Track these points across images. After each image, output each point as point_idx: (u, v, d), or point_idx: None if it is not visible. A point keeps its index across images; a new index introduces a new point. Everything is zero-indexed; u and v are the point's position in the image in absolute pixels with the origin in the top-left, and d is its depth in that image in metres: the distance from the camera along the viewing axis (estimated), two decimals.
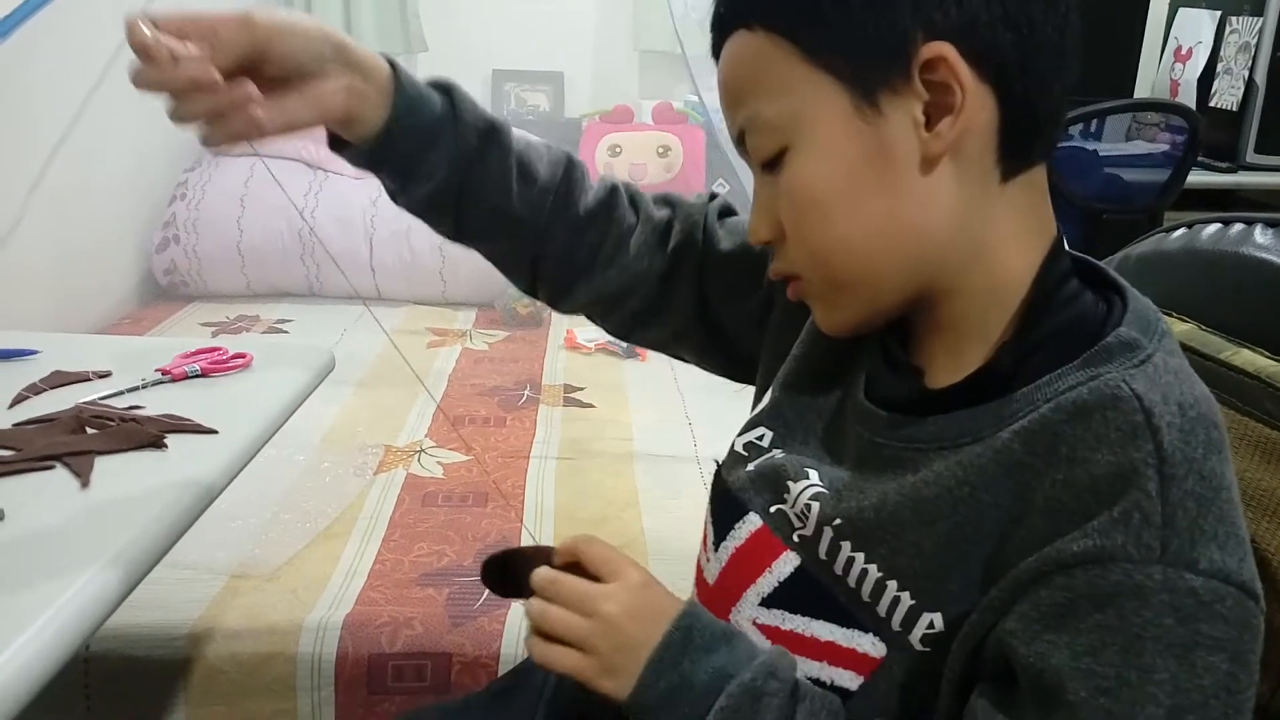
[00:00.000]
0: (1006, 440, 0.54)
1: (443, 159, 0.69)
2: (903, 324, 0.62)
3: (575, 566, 0.62)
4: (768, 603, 0.63)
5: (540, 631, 0.61)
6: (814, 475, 0.63)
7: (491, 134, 0.71)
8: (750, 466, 0.67)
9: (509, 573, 0.65)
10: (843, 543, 0.59)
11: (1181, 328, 0.68)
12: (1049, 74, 0.56)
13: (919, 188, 0.56)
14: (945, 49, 0.53)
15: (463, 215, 0.73)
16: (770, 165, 0.59)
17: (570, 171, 0.75)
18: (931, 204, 0.56)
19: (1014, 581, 0.51)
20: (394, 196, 0.73)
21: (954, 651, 0.54)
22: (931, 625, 0.55)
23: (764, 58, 0.58)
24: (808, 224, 0.59)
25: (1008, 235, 0.58)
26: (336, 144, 0.69)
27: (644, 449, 1.70)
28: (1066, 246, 0.60)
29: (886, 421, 0.60)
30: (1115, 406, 0.51)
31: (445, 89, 0.70)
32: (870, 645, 0.58)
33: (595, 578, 0.61)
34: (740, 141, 0.62)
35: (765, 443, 0.68)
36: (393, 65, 0.68)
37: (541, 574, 0.62)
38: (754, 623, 0.63)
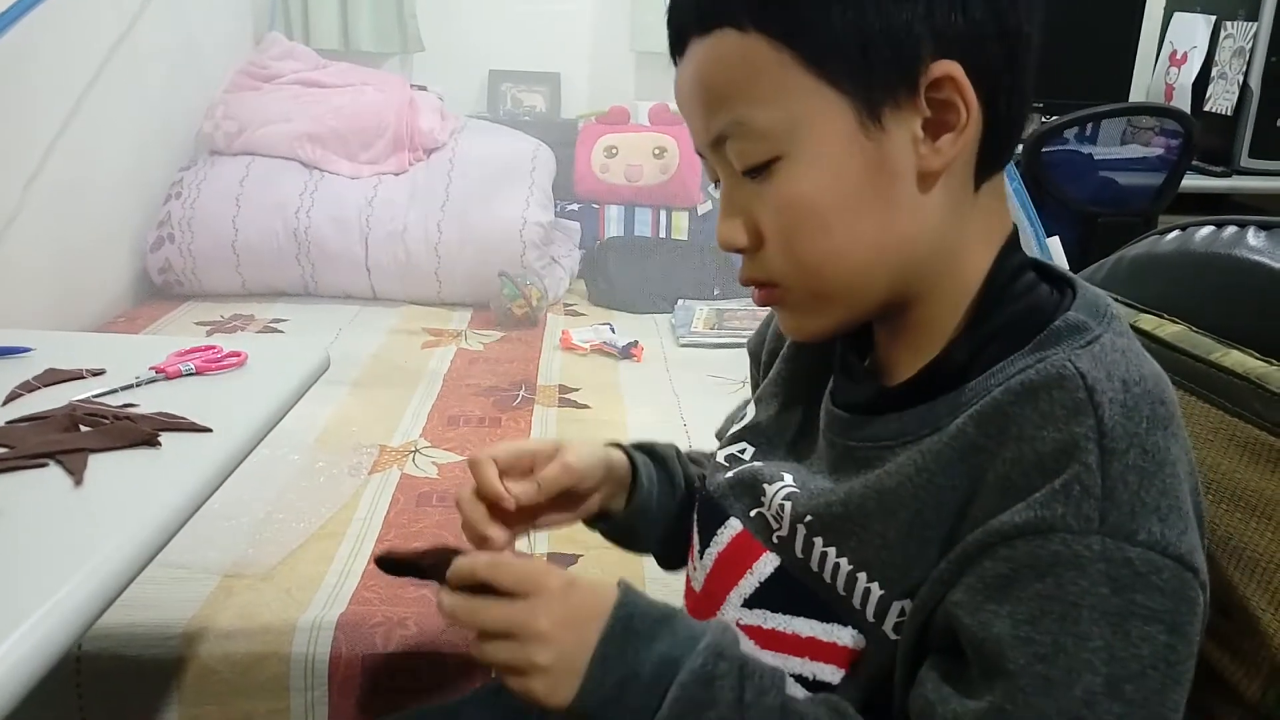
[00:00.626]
0: (961, 425, 0.55)
1: (664, 520, 0.78)
2: (862, 328, 0.63)
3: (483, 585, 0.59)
4: (750, 603, 0.63)
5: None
6: (788, 478, 0.64)
7: (672, 478, 0.80)
8: (730, 474, 0.68)
9: (410, 568, 0.64)
10: (815, 539, 0.60)
11: (1173, 329, 0.68)
12: (1029, 86, 0.57)
13: (914, 201, 0.56)
14: (953, 68, 0.54)
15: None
16: (754, 172, 0.58)
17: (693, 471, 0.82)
18: (922, 216, 0.57)
19: (961, 554, 0.52)
20: (606, 534, 0.81)
21: (906, 625, 0.55)
22: (903, 613, 0.55)
23: (756, 61, 0.55)
24: (802, 235, 0.57)
25: (976, 238, 0.59)
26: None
27: None
28: (1021, 243, 0.60)
29: (851, 423, 0.61)
30: (1060, 385, 0.51)
31: (653, 454, 0.79)
32: (850, 638, 0.58)
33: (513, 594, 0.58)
34: (714, 145, 0.59)
35: (746, 456, 0.69)
36: (628, 455, 0.77)
37: (462, 609, 0.59)
38: (738, 624, 0.64)
